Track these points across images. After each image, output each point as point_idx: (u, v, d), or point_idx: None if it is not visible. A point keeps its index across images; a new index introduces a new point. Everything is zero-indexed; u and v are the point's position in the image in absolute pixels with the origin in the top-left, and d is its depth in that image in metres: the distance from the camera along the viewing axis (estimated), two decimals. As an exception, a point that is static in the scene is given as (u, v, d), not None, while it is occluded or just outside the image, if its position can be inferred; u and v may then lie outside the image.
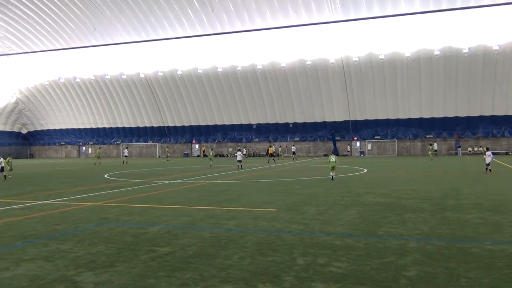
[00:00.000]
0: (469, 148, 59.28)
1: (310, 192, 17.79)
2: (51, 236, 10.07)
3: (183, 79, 67.08)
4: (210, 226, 10.91)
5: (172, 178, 26.98)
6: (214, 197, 16.74)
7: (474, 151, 58.49)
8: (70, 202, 16.07)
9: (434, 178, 24.16)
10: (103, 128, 79.07)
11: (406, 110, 60.37)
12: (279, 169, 35.20)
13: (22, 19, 65.57)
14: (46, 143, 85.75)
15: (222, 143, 71.18)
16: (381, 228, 10.30)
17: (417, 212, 12.56)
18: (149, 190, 20.00)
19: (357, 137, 64.26)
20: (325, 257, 7.82)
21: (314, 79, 61.48)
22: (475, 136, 59.05)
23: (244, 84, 64.88)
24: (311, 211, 13.00)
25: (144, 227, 10.89)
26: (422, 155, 57.77)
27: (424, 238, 9.30)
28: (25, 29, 67.15)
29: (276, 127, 67.26)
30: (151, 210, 13.74)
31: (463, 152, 58.84)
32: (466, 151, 59.10)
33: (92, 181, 25.88)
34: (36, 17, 64.53)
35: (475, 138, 59.19)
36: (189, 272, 7.10)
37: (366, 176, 26.65)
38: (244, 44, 59.82)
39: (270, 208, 13.61)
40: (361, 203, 14.50)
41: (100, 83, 72.83)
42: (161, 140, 75.26)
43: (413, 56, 55.53)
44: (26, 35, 67.55)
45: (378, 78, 59.26)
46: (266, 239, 9.35)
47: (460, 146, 59.19)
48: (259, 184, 22.30)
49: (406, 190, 17.93)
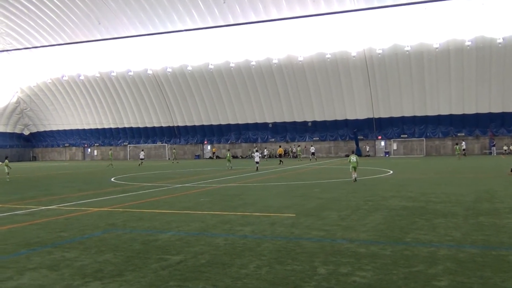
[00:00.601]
0: (504, 147, 58.46)
1: (331, 196, 17.74)
2: (56, 243, 10.21)
3: (193, 75, 67.38)
4: (224, 233, 10.94)
5: (182, 181, 27.13)
6: (228, 202, 16.79)
7: (510, 150, 57.69)
8: (75, 207, 16.26)
9: (466, 179, 23.91)
10: (109, 129, 79.82)
11: (434, 106, 59.78)
12: (297, 171, 35.17)
13: (23, 14, 66.49)
14: (49, 144, 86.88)
15: (236, 144, 71.31)
16: (408, 235, 10.23)
17: (448, 217, 12.44)
18: (158, 194, 20.13)
19: (382, 136, 63.81)
20: (348, 266, 7.80)
21: (334, 73, 61.23)
22: (511, 134, 58.23)
23: (259, 80, 64.91)
24: (332, 216, 12.97)
25: (154, 234, 10.96)
26: (453, 155, 57.10)
27: (456, 245, 9.21)
28: (26, 24, 68.09)
29: (293, 126, 67.14)
30: (161, 215, 13.83)
31: (497, 151, 58.06)
32: (501, 150, 58.31)
33: (98, 185, 26.15)
34: (38, 11, 65.37)
35: (511, 136, 58.37)
36: (202, 282, 7.14)
37: (391, 178, 26.49)
38: (258, 37, 59.82)
39: (288, 213, 13.60)
40: (386, 207, 14.41)
41: (105, 81, 73.55)
42: (171, 141, 75.68)
43: (442, 47, 54.93)
44: (28, 31, 68.51)
45: (404, 72, 58.78)
46: (285, 246, 9.35)
47: (495, 145, 58.41)
48: (276, 187, 22.30)
49: (435, 193, 17.78)
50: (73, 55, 70.50)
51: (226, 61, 63.81)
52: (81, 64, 71.68)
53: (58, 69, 73.83)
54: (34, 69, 75.72)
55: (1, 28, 69.81)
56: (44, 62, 73.60)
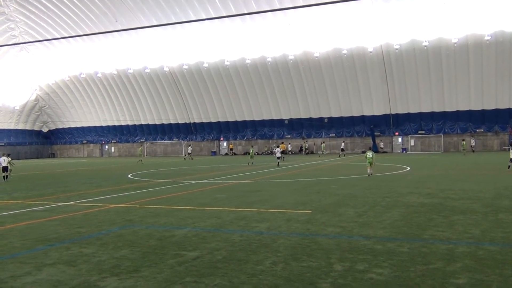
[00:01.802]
0: (524, 143, 57.61)
1: (348, 192, 17.66)
2: (74, 239, 10.32)
3: (209, 72, 67.53)
4: (240, 229, 10.95)
5: (199, 177, 27.23)
6: (244, 198, 16.81)
7: (531, 146, 56.77)
8: (93, 203, 16.43)
9: (486, 176, 23.60)
10: (126, 126, 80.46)
11: (453, 102, 59.03)
12: (314, 167, 35.09)
13: (42, 12, 67.26)
14: (68, 142, 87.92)
15: (252, 140, 71.34)
16: (426, 232, 10.13)
17: (467, 213, 12.30)
18: (175, 190, 20.23)
19: (399, 132, 63.25)
20: (365, 263, 7.74)
21: (351, 69, 60.83)
22: (532, 129, 57.33)
23: (275, 77, 64.79)
24: (349, 212, 12.91)
25: (170, 230, 11.02)
26: (472, 151, 56.43)
27: (475, 242, 9.09)
28: (44, 23, 68.88)
29: (309, 123, 66.94)
30: (178, 211, 13.90)
31: (517, 148, 57.19)
32: (522, 146, 57.45)
33: (115, 181, 26.38)
34: (56, 9, 66.05)
35: (532, 132, 57.46)
36: (218, 278, 7.15)
37: (409, 174, 26.28)
38: (274, 33, 59.64)
39: (304, 210, 13.58)
40: (404, 204, 14.30)
41: (122, 78, 74.13)
42: (187, 137, 75.98)
43: (461, 42, 54.17)
44: (46, 29, 69.23)
45: (421, 67, 58.13)
46: (300, 243, 9.33)
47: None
48: (292, 183, 22.27)
49: (454, 190, 17.58)
50: (91, 53, 71.20)
51: (242, 58, 63.79)
52: (99, 61, 72.35)
53: (76, 66, 74.57)
54: (52, 67, 76.61)
55: (20, 26, 70.70)
56: (62, 60, 74.45)
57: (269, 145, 69.38)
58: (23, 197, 19.16)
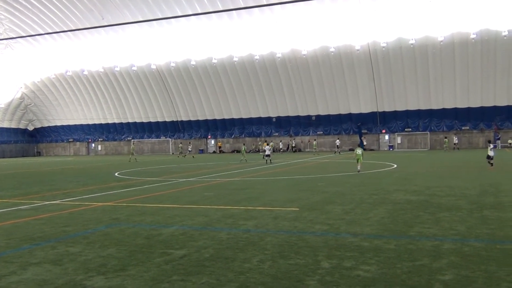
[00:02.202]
0: (509, 141, 58.15)
1: (335, 190, 17.73)
2: (60, 238, 10.23)
3: (197, 70, 67.34)
4: (227, 227, 10.94)
5: (186, 176, 27.16)
6: (232, 196, 16.80)
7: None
8: (79, 202, 16.31)
9: (471, 173, 23.83)
10: (113, 124, 79.98)
11: (439, 99, 59.53)
12: (303, 165, 35.16)
13: (27, 9, 66.50)
14: (54, 140, 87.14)
15: (240, 138, 71.29)
16: (413, 228, 10.20)
17: (453, 210, 12.40)
18: (162, 188, 20.16)
19: (386, 130, 63.62)
20: (352, 260, 7.77)
21: (338, 67, 61.05)
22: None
23: (263, 74, 64.79)
24: (336, 210, 12.95)
25: (158, 228, 10.98)
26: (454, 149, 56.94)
27: (461, 239, 9.17)
28: (30, 20, 68.11)
29: (297, 120, 67.08)
30: (165, 210, 13.85)
31: (502, 145, 57.79)
32: (506, 143, 58.04)
33: (102, 180, 26.21)
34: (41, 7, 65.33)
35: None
36: (205, 276, 7.13)
37: (396, 172, 26.44)
38: (262, 31, 59.64)
39: (291, 207, 13.60)
40: (390, 201, 14.39)
41: (109, 76, 73.62)
42: (174, 135, 75.76)
43: (447, 40, 54.62)
44: (31, 26, 68.44)
45: (408, 65, 58.52)
46: (288, 240, 9.34)
47: (500, 138, 58.09)
48: (280, 181, 22.30)
49: (440, 187, 17.73)
50: (77, 50, 70.59)
51: (230, 56, 63.69)
52: (85, 59, 71.72)
53: (62, 64, 73.88)
54: (38, 65, 75.80)
55: (5, 23, 69.86)
56: (47, 57, 73.68)
57: (256, 143, 69.42)
58: (8, 196, 18.95)
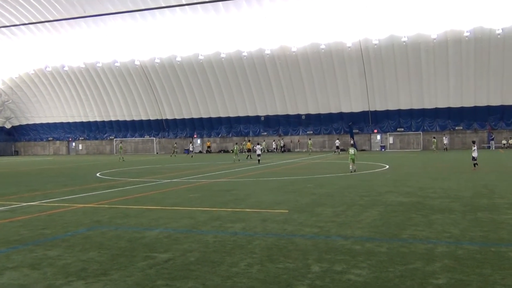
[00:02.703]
0: (503, 141, 58.90)
1: (325, 191, 17.76)
2: (38, 241, 10.11)
3: (182, 66, 67.13)
4: (214, 230, 10.91)
5: (171, 176, 27.06)
6: (219, 197, 16.76)
7: (509, 144, 58.09)
8: (58, 203, 16.16)
9: (465, 174, 24.03)
10: (94, 122, 79.45)
11: (432, 99, 59.99)
12: (291, 166, 35.21)
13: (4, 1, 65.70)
14: (32, 138, 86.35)
15: (227, 138, 71.19)
16: (405, 231, 10.24)
17: (446, 212, 12.48)
18: (146, 190, 20.06)
19: (378, 130, 63.98)
20: (343, 264, 7.78)
21: (329, 65, 61.25)
22: (510, 127, 58.59)
23: (251, 72, 64.79)
24: (326, 212, 12.97)
25: (141, 231, 10.91)
26: (451, 149, 57.45)
27: (454, 241, 9.22)
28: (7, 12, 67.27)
29: (286, 119, 67.18)
30: (149, 212, 13.77)
31: (496, 145, 58.47)
32: (500, 144, 58.71)
33: (83, 180, 26.02)
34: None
35: (510, 130, 58.74)
36: (191, 281, 7.08)
37: (387, 173, 26.57)
38: (250, 26, 59.58)
39: (280, 209, 13.59)
40: (382, 203, 14.44)
41: (91, 72, 73.09)
42: (159, 134, 75.48)
43: (440, 38, 55.05)
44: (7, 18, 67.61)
45: (400, 64, 58.90)
46: (277, 243, 9.33)
47: (493, 139, 58.79)
48: (268, 182, 22.29)
49: (433, 188, 17.84)
50: (57, 45, 69.90)
51: (217, 52, 63.54)
52: (65, 54, 71.09)
53: (41, 59, 73.16)
54: (16, 60, 74.99)
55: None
56: (26, 52, 72.86)
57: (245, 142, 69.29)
58: (-17, 197, 18.72)
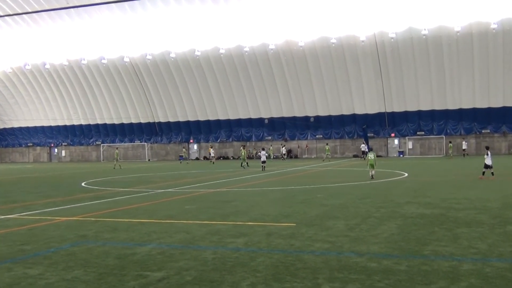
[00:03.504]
0: (535, 146, 58.80)
1: (337, 202, 17.74)
2: (17, 258, 10.12)
3: (177, 63, 67.26)
4: (213, 245, 10.90)
5: (165, 186, 27.05)
6: (218, 209, 16.75)
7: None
8: (40, 216, 16.17)
9: (492, 183, 23.95)
10: (79, 126, 79.64)
11: (456, 99, 59.92)
12: (298, 173, 35.18)
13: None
14: (10, 144, 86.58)
15: (227, 142, 71.23)
16: (427, 247, 10.21)
17: (472, 226, 12.44)
18: (137, 201, 20.06)
19: (395, 134, 63.91)
20: (357, 283, 7.76)
21: (341, 61, 61.28)
22: (544, 130, 58.56)
23: (253, 69, 64.88)
24: (338, 225, 12.95)
25: (131, 247, 10.90)
26: (477, 154, 57.30)
27: (482, 258, 9.19)
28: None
29: (293, 122, 67.20)
30: (140, 225, 13.77)
31: (528, 151, 58.37)
32: (532, 149, 58.61)
33: (66, 190, 26.04)
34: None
35: (544, 133, 58.70)
36: (188, 303, 7.08)
37: (407, 181, 26.52)
38: (252, 18, 59.67)
39: (287, 223, 13.57)
40: (401, 215, 14.41)
41: (75, 70, 73.28)
42: (151, 139, 75.61)
43: (464, 30, 55.03)
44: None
45: (420, 59, 58.89)
46: (283, 260, 9.31)
47: (525, 143, 58.71)
48: (273, 192, 22.27)
49: (457, 199, 17.80)
50: (37, 40, 70.04)
51: (215, 47, 63.61)
52: (47, 50, 71.19)
53: (20, 56, 73.38)
54: (-9, 57, 75.38)
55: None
56: (3, 49, 73.12)
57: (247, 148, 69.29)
58: (-44, 210, 18.76)
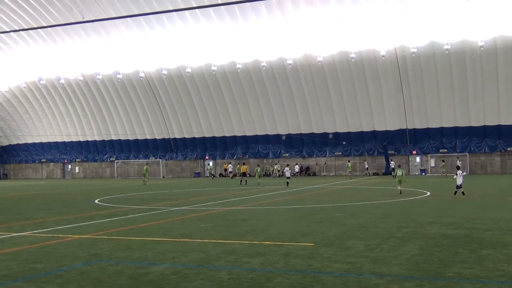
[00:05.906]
0: None
1: (357, 222, 17.65)
2: (29, 277, 10.18)
3: (193, 78, 67.59)
4: (228, 265, 10.89)
5: (180, 203, 27.12)
6: (234, 228, 16.75)
7: None
8: (52, 234, 16.27)
9: (519, 203, 23.69)
10: (93, 142, 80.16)
11: (480, 115, 59.43)
12: (317, 191, 35.07)
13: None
14: (23, 160, 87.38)
15: (243, 159, 71.22)
16: (450, 269, 10.13)
17: (498, 247, 12.31)
18: (151, 219, 20.11)
19: (417, 151, 63.47)
20: (378, 306, 7.69)
21: (360, 76, 61.19)
22: None
23: (271, 84, 64.97)
24: (358, 246, 12.88)
25: (145, 266, 10.93)
26: (502, 173, 56.69)
27: (508, 281, 9.09)
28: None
29: (311, 139, 67.08)
30: (154, 244, 13.80)
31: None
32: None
33: (79, 208, 26.18)
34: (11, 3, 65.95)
35: None
36: (202, 324, 7.06)
37: (429, 200, 26.34)
38: (270, 32, 59.90)
39: (305, 242, 13.54)
40: (423, 235, 14.31)
41: (89, 85, 73.92)
42: (165, 156, 75.86)
43: (488, 45, 54.65)
44: (0, 27, 69.32)
45: (442, 75, 58.57)
46: (301, 281, 9.27)
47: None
48: (290, 211, 22.22)
49: (482, 219, 17.63)
50: (52, 56, 70.92)
51: (232, 62, 63.87)
52: (62, 65, 71.92)
53: (35, 71, 74.18)
54: (6, 72, 76.24)
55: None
56: (18, 64, 74.08)
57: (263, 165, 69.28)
58: (-32, 227, 18.95)
